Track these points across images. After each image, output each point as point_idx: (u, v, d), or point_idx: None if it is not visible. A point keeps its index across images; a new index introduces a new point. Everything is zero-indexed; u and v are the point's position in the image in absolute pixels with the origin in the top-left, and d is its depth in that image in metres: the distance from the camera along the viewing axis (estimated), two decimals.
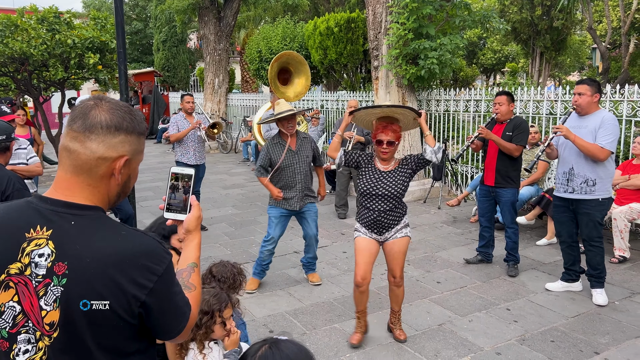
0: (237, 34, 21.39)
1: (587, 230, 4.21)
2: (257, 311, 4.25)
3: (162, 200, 1.51)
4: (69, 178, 1.26)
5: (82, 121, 1.24)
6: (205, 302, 2.31)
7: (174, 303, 1.29)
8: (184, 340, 2.26)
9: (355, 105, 7.06)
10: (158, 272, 1.23)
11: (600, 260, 4.25)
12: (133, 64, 26.29)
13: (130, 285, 1.19)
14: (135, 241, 1.24)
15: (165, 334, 1.31)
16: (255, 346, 1.30)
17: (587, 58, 28.49)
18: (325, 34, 11.39)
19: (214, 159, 13.02)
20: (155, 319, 1.26)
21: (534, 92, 7.27)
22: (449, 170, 8.31)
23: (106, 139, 1.25)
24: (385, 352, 3.57)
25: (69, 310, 1.18)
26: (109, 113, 1.26)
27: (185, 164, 6.48)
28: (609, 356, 3.47)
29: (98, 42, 8.72)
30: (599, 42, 13.71)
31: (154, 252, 1.25)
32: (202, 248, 5.92)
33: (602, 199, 4.14)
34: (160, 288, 1.24)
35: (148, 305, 1.23)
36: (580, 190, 4.17)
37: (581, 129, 4.15)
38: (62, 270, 1.18)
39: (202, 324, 2.28)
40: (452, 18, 7.94)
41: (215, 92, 15.04)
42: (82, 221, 1.23)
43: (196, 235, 1.48)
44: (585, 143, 4.05)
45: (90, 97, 1.30)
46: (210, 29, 14.57)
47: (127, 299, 1.19)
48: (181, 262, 1.44)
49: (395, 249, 3.62)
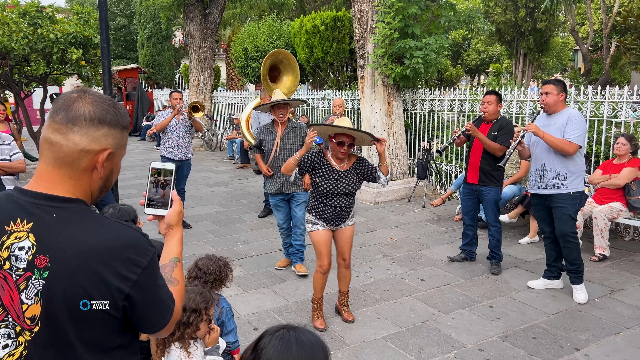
0: (223, 31, 21.28)
1: (561, 224, 4.30)
2: (241, 309, 4.24)
3: (143, 196, 1.49)
4: (50, 170, 1.24)
5: (65, 113, 1.22)
6: (192, 301, 2.32)
7: (158, 296, 1.28)
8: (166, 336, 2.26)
9: (341, 104, 7.09)
10: (142, 264, 1.22)
11: (576, 255, 4.33)
12: (117, 60, 25.97)
13: (113, 277, 1.18)
14: (118, 233, 1.22)
15: (150, 328, 1.30)
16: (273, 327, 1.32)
17: (569, 60, 28.90)
18: (311, 32, 11.38)
19: (199, 157, 12.94)
20: (139, 312, 1.25)
21: (517, 93, 7.35)
22: (433, 169, 8.37)
23: (89, 132, 1.23)
24: (369, 349, 3.59)
25: (50, 303, 1.16)
26: (92, 105, 1.24)
27: (170, 159, 6.43)
28: (588, 352, 3.54)
29: (81, 37, 8.59)
30: (581, 44, 13.91)
31: (137, 244, 1.23)
32: (187, 246, 5.91)
33: (573, 192, 4.26)
34: (144, 281, 1.22)
35: (132, 298, 1.22)
36: (552, 185, 4.29)
37: (550, 127, 4.27)
38: (44, 263, 1.16)
39: (191, 322, 2.29)
40: (437, 18, 7.99)
41: (201, 90, 14.93)
42: (63, 214, 1.21)
43: (178, 230, 1.47)
44: (553, 139, 4.18)
45: (73, 90, 1.28)
46: (195, 26, 14.46)
47: (110, 291, 1.18)
48: (163, 257, 1.43)
49: (347, 235, 3.91)
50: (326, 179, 3.74)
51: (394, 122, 8.47)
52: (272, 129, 5.03)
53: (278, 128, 4.99)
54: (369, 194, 8.05)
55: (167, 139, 6.51)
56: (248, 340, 3.70)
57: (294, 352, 1.17)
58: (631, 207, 5.49)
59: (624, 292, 4.54)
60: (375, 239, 6.16)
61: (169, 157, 6.45)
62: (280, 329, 1.31)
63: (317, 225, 3.82)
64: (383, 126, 8.41)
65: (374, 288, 4.68)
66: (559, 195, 4.28)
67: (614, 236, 5.97)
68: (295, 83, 7.73)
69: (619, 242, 5.93)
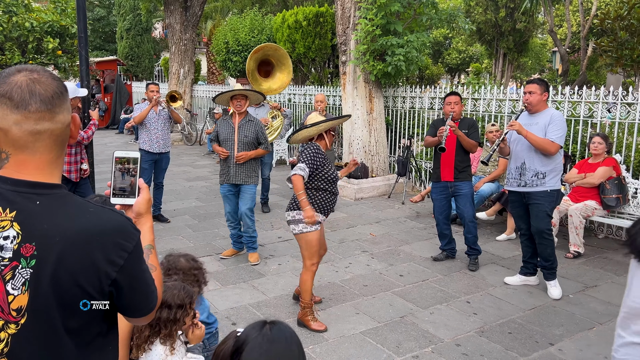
0: (204, 24, 21.03)
1: (537, 221, 4.36)
2: (220, 304, 4.21)
3: (108, 186, 1.45)
4: (37, 158, 1.19)
5: (38, 100, 1.17)
6: (177, 297, 2.29)
7: (144, 281, 1.27)
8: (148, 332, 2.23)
9: (323, 100, 7.05)
10: (128, 248, 1.21)
11: (551, 251, 4.40)
12: (95, 51, 25.51)
13: (101, 262, 1.16)
14: (104, 218, 1.21)
15: (135, 312, 1.29)
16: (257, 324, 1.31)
17: (547, 61, 29.37)
18: (293, 27, 11.34)
19: (178, 151, 12.80)
20: (125, 297, 1.24)
21: (496, 92, 7.43)
22: (413, 166, 8.42)
23: (64, 105, 1.23)
24: (348, 344, 3.60)
25: (38, 292, 1.14)
26: (51, 81, 1.21)
27: (149, 152, 6.34)
28: (562, 347, 3.60)
29: (58, 27, 8.42)
30: (559, 45, 14.14)
31: (123, 228, 1.22)
32: (165, 240, 5.84)
33: (550, 190, 4.33)
34: (130, 265, 1.22)
35: (118, 283, 1.20)
36: (532, 183, 4.35)
37: (532, 126, 4.32)
38: (30, 252, 1.14)
39: (179, 319, 2.27)
40: (419, 16, 8.03)
41: (180, 83, 14.76)
42: (47, 200, 1.18)
43: (148, 218, 1.46)
44: (536, 138, 4.24)
45: (9, 72, 1.19)
46: (176, 18, 14.28)
47: (98, 277, 1.17)
48: None
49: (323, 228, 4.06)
50: (331, 167, 3.89)
51: (375, 118, 8.49)
52: (230, 120, 5.20)
53: (235, 119, 5.15)
54: (350, 190, 8.06)
55: (146, 132, 6.40)
56: (225, 335, 3.67)
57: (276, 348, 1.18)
58: (605, 205, 5.60)
59: (597, 289, 4.63)
60: (355, 234, 6.17)
61: (148, 150, 6.35)
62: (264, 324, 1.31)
63: (318, 224, 3.81)
64: (364, 122, 8.43)
65: (353, 283, 4.69)
66: (537, 193, 4.34)
67: (588, 234, 6.09)
68: (286, 81, 7.71)
69: (593, 239, 6.05)
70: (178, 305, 2.27)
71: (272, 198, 7.70)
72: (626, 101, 5.98)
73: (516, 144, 4.47)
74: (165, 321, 2.24)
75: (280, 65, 7.66)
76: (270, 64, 7.68)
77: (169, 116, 6.57)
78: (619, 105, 6.02)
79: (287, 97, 11.63)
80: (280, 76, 7.71)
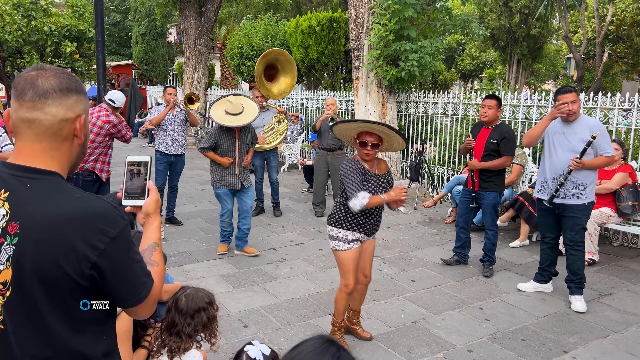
0: (218, 29, 21.23)
1: (572, 233, 4.27)
2: (232, 306, 4.23)
3: (120, 189, 1.54)
4: (30, 146, 1.28)
5: (33, 91, 1.26)
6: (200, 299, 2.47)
7: (131, 270, 1.30)
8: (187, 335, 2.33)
9: (333, 103, 7.06)
10: (111, 234, 1.24)
11: (581, 265, 4.30)
12: (110, 56, 25.83)
13: (80, 245, 1.21)
14: (88, 204, 1.26)
15: (122, 301, 1.32)
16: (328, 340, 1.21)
17: (562, 67, 29.13)
18: (307, 32, 11.39)
19: (191, 155, 12.88)
20: (109, 283, 1.27)
21: (510, 97, 7.40)
22: (426, 172, 8.39)
23: (62, 102, 1.28)
24: (359, 348, 3.59)
25: (20, 268, 1.21)
26: (55, 78, 1.29)
27: (166, 153, 6.40)
28: (577, 355, 3.56)
29: (75, 31, 8.56)
30: (574, 51, 14.04)
31: (107, 215, 1.26)
32: (178, 243, 5.89)
33: (588, 203, 4.22)
34: (113, 251, 1.25)
35: (100, 267, 1.24)
36: (572, 195, 4.21)
37: (569, 135, 4.18)
38: (15, 230, 1.21)
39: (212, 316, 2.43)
40: (433, 22, 8.03)
41: (194, 87, 14.88)
42: (37, 184, 1.25)
43: (155, 218, 1.52)
44: (596, 162, 4.14)
45: (28, 69, 1.32)
46: (190, 23, 14.42)
47: (77, 259, 1.21)
48: (143, 243, 1.47)
49: (371, 248, 3.66)
50: (372, 182, 3.42)
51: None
52: (230, 131, 5.35)
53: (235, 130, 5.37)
54: None
55: (162, 134, 6.45)
56: (237, 337, 3.69)
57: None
58: (621, 212, 5.54)
59: (612, 297, 4.58)
60: None
61: (164, 152, 6.40)
62: (329, 343, 1.20)
63: (354, 243, 3.44)
64: None
65: None
66: (576, 206, 4.21)
67: (603, 241, 6.02)
68: (291, 85, 7.74)
69: (608, 247, 5.98)
70: (208, 303, 2.40)
71: (283, 202, 7.72)
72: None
73: (554, 152, 4.30)
74: (205, 323, 2.38)
75: (284, 70, 7.69)
76: (274, 68, 7.72)
77: (186, 118, 6.62)
78: (635, 112, 5.96)
79: (299, 101, 11.68)
80: (284, 80, 7.74)
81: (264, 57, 7.35)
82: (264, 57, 7.35)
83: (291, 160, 11.02)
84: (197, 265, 5.16)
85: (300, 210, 7.57)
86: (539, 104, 6.98)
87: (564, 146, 4.23)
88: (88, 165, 5.22)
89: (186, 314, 2.34)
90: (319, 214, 7.21)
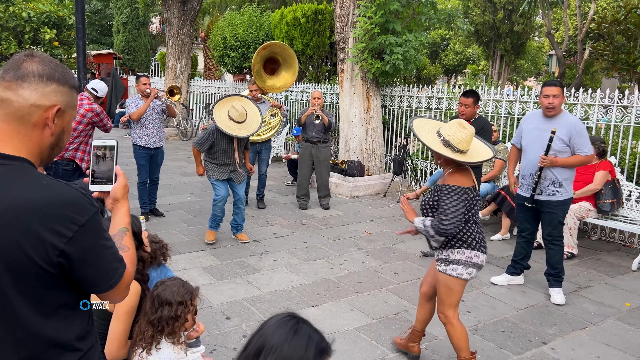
0: (202, 20, 20.98)
1: (550, 228, 4.33)
2: (214, 298, 4.20)
3: (87, 174, 1.52)
4: (0, 127, 1.27)
5: (15, 72, 1.27)
6: (177, 294, 2.33)
7: (102, 256, 1.29)
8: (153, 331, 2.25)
9: (319, 96, 7.02)
10: (79, 222, 1.23)
11: (559, 259, 4.37)
12: (91, 44, 25.34)
13: (47, 233, 1.19)
14: (55, 191, 1.24)
15: (94, 287, 1.32)
16: (288, 314, 1.33)
17: (543, 64, 29.49)
18: (292, 24, 11.31)
19: (174, 146, 12.76)
20: (79, 269, 1.26)
21: (493, 93, 7.46)
22: (409, 165, 8.43)
23: (39, 87, 1.27)
24: (342, 340, 3.60)
25: None
26: (41, 64, 1.29)
27: (144, 147, 6.26)
28: (555, 346, 3.62)
29: (55, 17, 8.36)
30: (556, 47, 14.20)
31: (75, 202, 1.25)
32: (160, 235, 5.83)
33: (565, 199, 4.26)
34: (82, 238, 1.24)
35: (68, 255, 1.23)
36: (547, 192, 4.26)
37: (548, 132, 4.18)
38: None
39: (180, 315, 2.29)
40: (418, 15, 8.03)
41: (177, 78, 14.70)
42: (3, 170, 1.24)
43: (124, 203, 1.51)
44: (571, 160, 4.14)
45: (21, 54, 1.33)
46: (174, 13, 14.21)
47: (44, 247, 1.19)
48: (112, 228, 1.46)
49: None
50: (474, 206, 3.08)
51: (372, 117, 8.50)
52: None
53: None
54: (345, 188, 8.07)
55: (140, 127, 6.21)
56: (220, 330, 3.68)
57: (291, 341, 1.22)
58: (599, 210, 5.63)
59: (590, 289, 4.66)
60: (351, 232, 6.18)
61: (144, 146, 6.23)
62: (289, 318, 1.32)
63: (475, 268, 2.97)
64: (361, 121, 8.43)
65: (348, 280, 4.70)
66: (553, 202, 4.26)
67: (582, 235, 6.12)
68: (290, 81, 7.72)
69: (586, 241, 6.09)
70: (179, 302, 2.31)
71: (267, 194, 7.68)
72: (622, 104, 6.02)
73: (530, 150, 4.34)
74: (167, 319, 2.27)
75: (286, 65, 7.65)
76: (277, 62, 7.68)
77: (163, 109, 6.44)
78: (614, 108, 6.05)
79: (283, 94, 11.61)
80: (285, 75, 7.71)
81: (265, 48, 7.30)
82: (264, 48, 7.30)
83: (275, 153, 10.98)
84: (179, 257, 5.12)
85: (284, 202, 7.55)
86: (521, 99, 7.05)
87: (540, 142, 4.25)
88: (68, 154, 5.12)
89: (154, 300, 2.29)
90: (303, 207, 7.20)
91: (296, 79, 12.16)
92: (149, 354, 2.25)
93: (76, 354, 1.32)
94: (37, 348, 1.26)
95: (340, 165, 8.53)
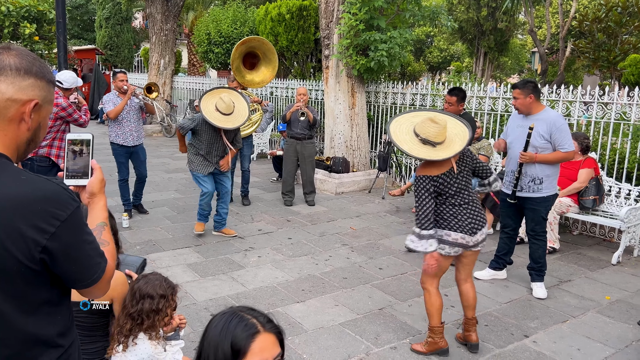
0: (186, 15, 20.78)
1: (533, 224, 4.38)
2: (198, 295, 4.18)
3: (61, 168, 1.50)
4: None
5: None
6: (159, 287, 2.31)
7: (84, 252, 1.28)
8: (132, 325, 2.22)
9: (305, 93, 7.01)
10: (61, 217, 1.21)
11: (542, 253, 4.42)
12: (73, 40, 24.98)
13: (29, 229, 1.18)
14: (36, 186, 1.22)
15: (76, 283, 1.30)
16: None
17: (526, 61, 29.80)
18: (276, 20, 11.28)
19: (157, 142, 12.65)
20: (62, 265, 1.25)
21: (477, 89, 7.52)
22: (394, 162, 8.47)
23: (15, 81, 1.25)
24: (327, 335, 3.61)
25: None
26: (18, 58, 1.26)
27: (122, 145, 6.15)
28: (537, 339, 3.67)
29: (35, 12, 8.23)
30: (539, 45, 14.36)
31: (56, 197, 1.23)
32: (143, 231, 5.78)
33: (547, 196, 4.30)
34: (64, 234, 1.22)
35: (51, 251, 1.21)
36: (528, 188, 4.30)
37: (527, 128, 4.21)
38: None
39: (161, 309, 2.27)
40: (402, 12, 8.06)
41: (161, 74, 14.57)
42: None
43: (101, 197, 1.50)
44: (551, 157, 4.16)
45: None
46: (157, 8, 14.06)
47: (26, 243, 1.18)
48: (90, 223, 1.44)
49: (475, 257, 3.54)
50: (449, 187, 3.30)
51: (356, 113, 8.51)
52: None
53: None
54: (331, 185, 8.08)
55: (118, 125, 6.06)
56: (204, 326, 3.65)
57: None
58: (582, 206, 5.70)
59: (571, 283, 4.74)
60: (336, 228, 6.19)
61: (122, 144, 6.10)
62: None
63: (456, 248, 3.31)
64: (346, 117, 8.44)
65: (333, 276, 4.71)
66: (534, 199, 4.29)
67: (563, 230, 6.21)
68: (270, 76, 7.67)
69: (567, 235, 6.18)
70: (161, 295, 2.28)
71: (252, 191, 7.66)
72: (602, 101, 6.11)
73: (513, 146, 4.36)
74: (147, 312, 2.24)
75: (265, 60, 7.61)
76: (256, 57, 7.63)
77: (141, 107, 6.31)
78: (595, 105, 6.14)
79: (268, 90, 11.58)
80: (264, 70, 7.67)
81: (243, 43, 7.25)
82: (242, 43, 7.24)
83: (260, 149, 10.95)
84: (163, 254, 5.08)
85: (269, 199, 7.54)
86: (504, 96, 7.12)
87: (522, 139, 4.28)
88: (43, 151, 5.01)
89: (135, 293, 2.27)
90: (288, 203, 7.19)
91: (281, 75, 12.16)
92: (124, 350, 2.23)
93: (58, 350, 1.31)
94: (19, 346, 1.24)
95: (326, 161, 8.53)
